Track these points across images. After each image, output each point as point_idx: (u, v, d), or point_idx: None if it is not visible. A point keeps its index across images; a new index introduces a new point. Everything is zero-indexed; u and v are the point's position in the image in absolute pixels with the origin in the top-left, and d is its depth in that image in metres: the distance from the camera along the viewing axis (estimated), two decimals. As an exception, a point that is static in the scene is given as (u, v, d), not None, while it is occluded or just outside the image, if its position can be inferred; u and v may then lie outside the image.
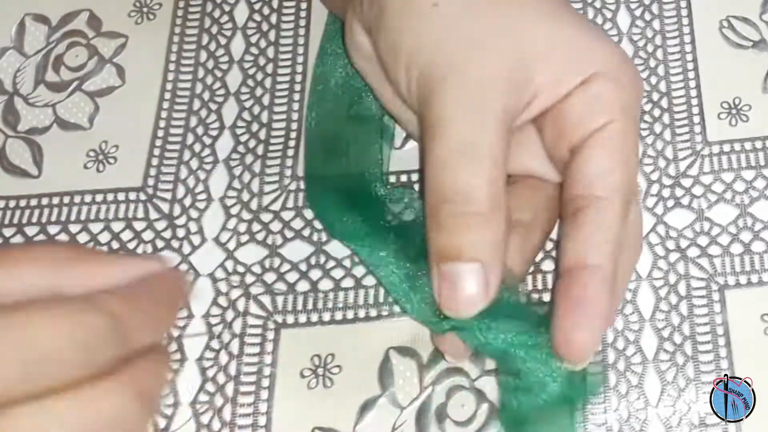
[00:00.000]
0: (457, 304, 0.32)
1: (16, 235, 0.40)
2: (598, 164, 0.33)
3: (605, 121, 0.33)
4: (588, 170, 0.33)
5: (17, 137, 0.42)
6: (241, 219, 0.39)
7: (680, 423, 0.34)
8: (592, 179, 0.33)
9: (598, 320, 0.32)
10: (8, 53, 0.44)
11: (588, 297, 0.32)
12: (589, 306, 0.32)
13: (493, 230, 0.32)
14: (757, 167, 0.39)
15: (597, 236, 0.32)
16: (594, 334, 0.32)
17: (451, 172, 0.32)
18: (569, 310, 0.32)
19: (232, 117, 0.42)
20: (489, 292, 0.32)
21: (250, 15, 0.44)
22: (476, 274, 0.32)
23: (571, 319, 0.31)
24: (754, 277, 0.37)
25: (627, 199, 0.33)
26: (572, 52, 0.34)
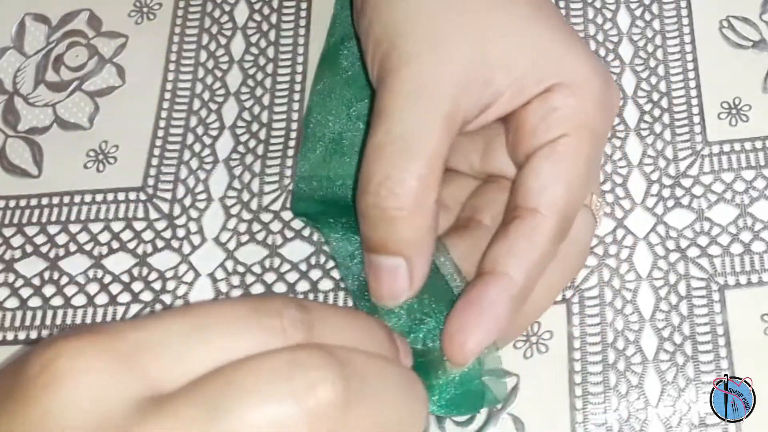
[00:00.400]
0: (381, 295, 0.32)
1: (16, 235, 0.40)
2: (540, 178, 0.33)
3: (558, 135, 0.33)
4: (529, 183, 0.33)
5: (17, 137, 0.42)
6: (241, 219, 0.39)
7: (680, 423, 0.34)
8: (531, 192, 0.33)
9: (487, 326, 0.31)
10: (8, 53, 0.44)
11: (484, 302, 0.32)
12: (483, 310, 0.31)
13: (416, 228, 0.32)
14: (757, 167, 0.39)
15: (518, 249, 0.32)
16: (479, 338, 0.31)
17: (381, 164, 0.32)
18: (462, 309, 0.32)
19: (232, 117, 0.42)
20: (413, 286, 0.32)
21: (250, 15, 0.44)
22: (399, 269, 0.32)
23: (461, 319, 0.31)
24: (754, 277, 0.37)
25: (564, 217, 0.33)
26: (538, 59, 0.33)
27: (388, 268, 0.32)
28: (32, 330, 0.38)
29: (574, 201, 0.33)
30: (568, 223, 0.33)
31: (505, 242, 0.33)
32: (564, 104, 0.33)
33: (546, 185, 0.33)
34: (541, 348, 0.36)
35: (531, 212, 0.33)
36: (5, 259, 0.39)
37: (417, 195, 0.32)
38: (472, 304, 0.32)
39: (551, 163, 0.33)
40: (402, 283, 0.32)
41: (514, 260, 0.32)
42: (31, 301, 0.38)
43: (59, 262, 0.39)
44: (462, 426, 0.35)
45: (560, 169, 0.33)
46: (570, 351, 0.36)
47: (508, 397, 0.34)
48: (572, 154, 0.33)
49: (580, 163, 0.33)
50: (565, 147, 0.33)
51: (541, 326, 0.36)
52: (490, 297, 0.32)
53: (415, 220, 0.32)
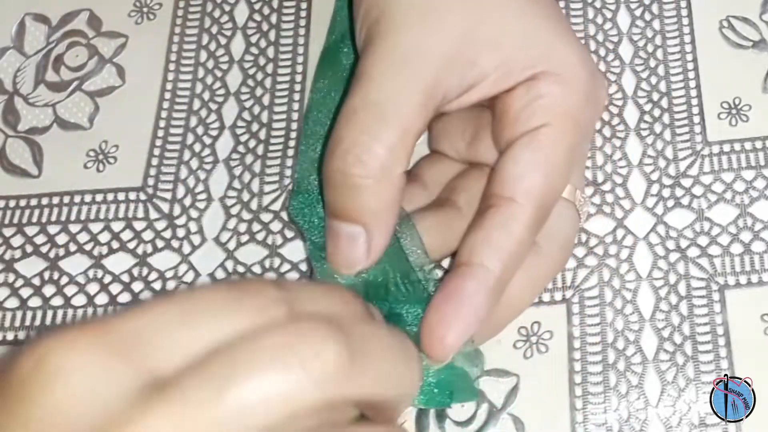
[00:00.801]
0: (337, 262, 0.32)
1: (16, 235, 0.40)
2: (518, 166, 0.32)
3: (541, 123, 0.33)
4: (507, 170, 0.33)
5: (17, 137, 0.42)
6: (241, 219, 0.39)
7: (680, 423, 0.34)
8: (508, 180, 0.32)
9: (466, 319, 0.31)
10: (8, 53, 0.44)
11: (462, 294, 0.31)
12: (461, 304, 0.31)
13: (380, 198, 0.31)
14: (757, 167, 0.39)
15: (494, 239, 0.32)
16: (458, 332, 0.31)
17: (351, 129, 0.31)
18: (439, 303, 0.31)
19: (232, 117, 0.42)
20: (370, 256, 0.32)
21: (250, 15, 0.44)
22: (358, 237, 0.32)
23: (439, 313, 0.31)
24: (754, 277, 0.37)
25: (541, 206, 0.32)
26: (526, 44, 0.33)
27: (347, 235, 0.32)
28: (32, 330, 0.38)
29: (551, 190, 0.33)
30: (545, 213, 0.33)
31: (481, 232, 0.32)
32: (549, 92, 0.33)
33: (523, 173, 0.32)
34: (541, 348, 0.36)
35: (507, 201, 0.32)
36: (5, 259, 0.39)
37: (384, 165, 0.31)
38: (449, 298, 0.31)
39: (530, 151, 0.32)
40: (359, 251, 0.32)
41: (490, 250, 0.32)
42: (31, 301, 0.38)
43: (59, 262, 0.39)
44: (462, 426, 0.35)
45: (539, 158, 0.32)
46: (570, 351, 0.36)
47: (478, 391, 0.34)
48: (553, 144, 0.33)
49: (561, 153, 0.33)
50: (546, 136, 0.33)
51: (541, 326, 0.36)
52: (467, 289, 0.31)
53: (379, 190, 0.31)
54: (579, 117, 0.34)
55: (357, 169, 0.31)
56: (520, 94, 0.33)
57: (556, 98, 0.33)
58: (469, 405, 0.35)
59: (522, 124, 0.33)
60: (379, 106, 0.31)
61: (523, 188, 0.32)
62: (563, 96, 0.33)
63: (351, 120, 0.32)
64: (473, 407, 0.35)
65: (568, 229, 0.35)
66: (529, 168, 0.32)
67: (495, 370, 0.36)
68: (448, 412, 0.35)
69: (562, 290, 0.37)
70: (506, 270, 0.32)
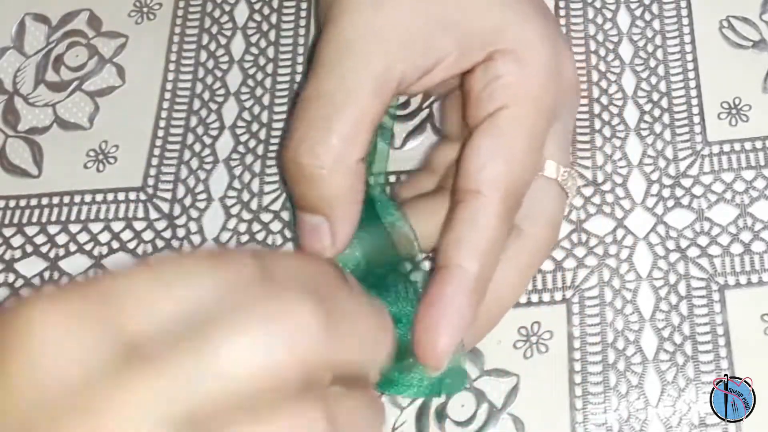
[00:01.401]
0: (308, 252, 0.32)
1: (16, 235, 0.40)
2: (480, 156, 0.32)
3: (499, 106, 0.32)
4: (469, 161, 0.32)
5: (17, 137, 0.42)
6: (241, 219, 0.39)
7: (680, 423, 0.34)
8: (471, 172, 0.32)
9: (452, 324, 0.31)
10: (8, 53, 0.44)
11: (444, 299, 0.31)
12: (445, 309, 0.31)
13: (335, 187, 0.31)
14: (757, 167, 0.39)
15: (465, 237, 0.31)
16: (447, 337, 0.31)
17: (304, 120, 0.31)
18: (425, 311, 0.31)
19: (232, 117, 0.42)
20: (336, 245, 0.32)
21: (251, 15, 0.44)
22: (320, 226, 0.32)
23: (426, 321, 0.31)
24: (754, 277, 0.37)
25: (508, 195, 0.32)
26: (484, 22, 0.33)
27: (310, 225, 0.32)
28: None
29: (517, 177, 0.32)
30: (515, 201, 0.32)
31: (453, 231, 0.32)
32: (506, 71, 0.32)
33: (485, 163, 0.32)
34: (541, 348, 0.36)
35: (473, 194, 0.32)
36: (5, 259, 0.39)
37: (338, 154, 0.31)
38: (432, 305, 0.31)
39: (490, 137, 0.32)
40: (323, 241, 0.32)
41: (464, 249, 0.31)
42: (31, 301, 0.38)
43: (59, 262, 0.39)
44: (462, 426, 0.35)
45: (500, 144, 0.32)
46: (570, 351, 0.36)
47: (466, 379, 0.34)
48: (512, 128, 0.32)
49: (522, 137, 0.32)
50: (506, 120, 0.32)
51: (541, 326, 0.36)
52: (447, 294, 0.31)
53: (334, 180, 0.31)
54: (540, 96, 0.33)
55: (310, 160, 0.31)
56: (479, 75, 0.33)
57: (513, 78, 0.32)
58: (469, 405, 0.35)
59: (482, 108, 0.32)
60: (329, 95, 0.31)
61: (486, 179, 0.31)
62: (521, 75, 0.32)
63: (304, 111, 0.31)
64: (473, 407, 0.35)
65: (551, 207, 0.35)
66: (490, 157, 0.32)
67: (495, 370, 0.36)
68: (448, 412, 0.35)
69: (562, 290, 0.37)
70: (484, 266, 0.31)
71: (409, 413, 0.35)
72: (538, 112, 0.33)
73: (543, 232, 0.35)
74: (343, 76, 0.31)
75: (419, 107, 0.41)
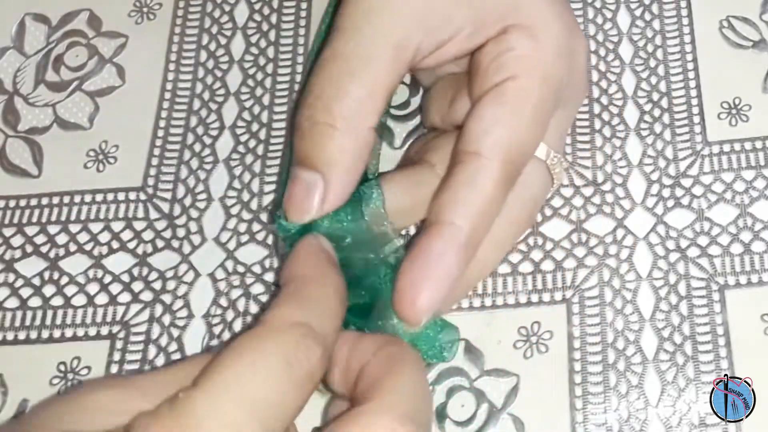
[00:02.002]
0: (290, 208, 0.32)
1: (16, 235, 0.40)
2: (484, 121, 0.32)
3: (507, 77, 0.32)
4: (473, 125, 0.32)
5: (17, 137, 0.42)
6: (241, 219, 0.39)
7: (680, 423, 0.34)
8: (474, 135, 0.32)
9: (437, 280, 0.30)
10: (8, 53, 0.44)
11: (432, 254, 0.31)
12: (431, 264, 0.31)
13: (343, 148, 0.31)
14: (757, 167, 0.39)
15: (461, 195, 0.31)
16: (430, 294, 0.30)
17: (322, 79, 0.32)
18: (409, 265, 0.31)
19: (232, 117, 0.42)
20: (324, 206, 0.32)
21: (251, 15, 0.44)
22: (315, 186, 0.31)
23: (409, 275, 0.31)
24: (754, 277, 0.37)
25: (509, 161, 0.32)
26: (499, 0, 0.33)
27: (304, 181, 0.32)
28: (32, 330, 0.38)
29: (520, 145, 0.32)
30: (515, 169, 0.32)
31: (448, 190, 0.32)
32: (518, 45, 0.33)
33: (488, 128, 0.32)
34: (541, 348, 0.36)
35: (473, 156, 0.32)
36: (5, 259, 0.39)
37: (351, 116, 0.31)
38: (418, 259, 0.31)
39: (496, 105, 0.32)
40: (312, 200, 0.32)
41: (458, 208, 0.31)
42: (31, 301, 0.38)
43: (59, 262, 0.39)
44: (462, 426, 0.35)
45: (505, 111, 0.32)
46: (570, 351, 0.36)
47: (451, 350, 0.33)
48: (519, 97, 0.32)
49: (528, 107, 0.32)
50: (512, 90, 0.32)
51: (541, 326, 0.36)
52: (436, 249, 0.31)
53: (343, 140, 0.31)
54: (549, 71, 0.33)
55: (324, 117, 0.31)
56: (490, 49, 0.33)
57: (524, 51, 0.33)
58: (469, 405, 0.35)
59: (490, 78, 0.32)
60: (348, 58, 0.31)
61: (488, 143, 0.32)
62: (532, 49, 0.33)
63: (322, 71, 0.32)
64: (473, 407, 0.35)
65: (535, 187, 0.35)
66: (494, 122, 0.32)
67: (495, 370, 0.36)
68: (448, 412, 0.35)
69: (562, 290, 0.37)
70: (476, 227, 0.31)
71: (409, 413, 0.35)
72: (546, 86, 0.33)
73: (520, 209, 0.35)
74: (362, 42, 0.31)
75: (419, 107, 0.41)
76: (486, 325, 0.36)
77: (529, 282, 0.37)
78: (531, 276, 0.37)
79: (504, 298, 0.37)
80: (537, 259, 0.37)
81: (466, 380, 0.36)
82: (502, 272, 0.37)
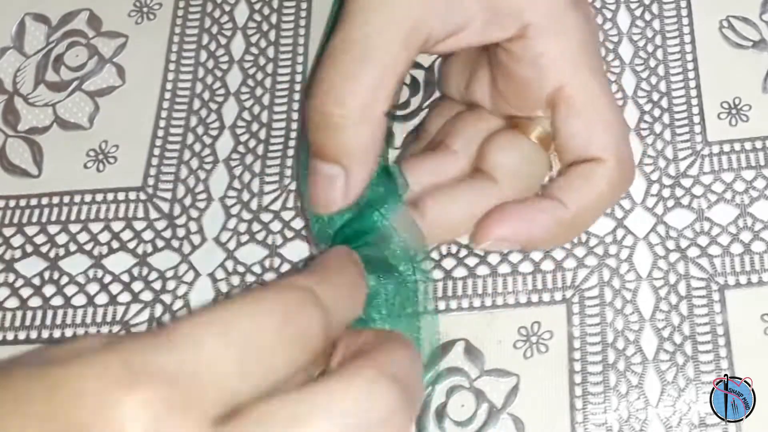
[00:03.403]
0: (316, 202, 0.32)
1: (16, 235, 0.40)
2: (579, 136, 0.34)
3: (558, 85, 0.33)
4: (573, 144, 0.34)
5: (17, 137, 0.42)
6: (241, 219, 0.39)
7: (680, 423, 0.34)
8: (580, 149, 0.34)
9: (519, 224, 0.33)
10: (8, 53, 0.44)
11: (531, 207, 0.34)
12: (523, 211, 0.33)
13: (359, 137, 0.31)
14: (757, 167, 0.39)
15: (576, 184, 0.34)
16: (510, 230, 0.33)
17: (332, 69, 0.31)
18: (508, 203, 0.34)
19: (232, 117, 0.42)
20: (348, 196, 0.32)
21: (251, 15, 0.44)
22: (336, 177, 0.32)
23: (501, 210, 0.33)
24: (754, 277, 0.37)
25: (619, 157, 0.34)
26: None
27: (326, 174, 0.32)
28: (32, 330, 0.38)
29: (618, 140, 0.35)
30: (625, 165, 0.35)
31: (565, 179, 0.34)
32: (546, 49, 0.33)
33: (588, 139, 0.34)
34: (541, 348, 0.36)
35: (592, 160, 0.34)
36: (5, 259, 0.39)
37: (364, 105, 0.31)
38: (520, 204, 0.33)
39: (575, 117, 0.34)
40: (337, 192, 0.32)
41: (572, 195, 0.34)
42: (31, 301, 0.38)
43: (59, 262, 0.39)
44: (462, 426, 0.35)
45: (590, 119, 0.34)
46: (570, 351, 0.36)
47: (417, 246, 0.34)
48: (582, 98, 0.34)
49: (599, 102, 0.34)
50: (571, 96, 0.34)
51: (541, 326, 0.36)
52: (539, 206, 0.33)
53: (358, 130, 0.31)
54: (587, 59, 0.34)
55: (337, 109, 0.31)
56: (518, 55, 0.34)
57: (555, 51, 0.33)
58: (469, 405, 0.35)
59: (540, 90, 0.34)
60: (359, 45, 0.31)
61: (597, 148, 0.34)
62: (562, 45, 0.34)
63: (332, 60, 0.32)
64: (473, 407, 0.35)
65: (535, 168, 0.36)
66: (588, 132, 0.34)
67: (495, 370, 0.36)
68: (448, 412, 0.35)
69: (562, 290, 0.37)
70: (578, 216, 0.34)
71: (409, 413, 0.35)
72: (592, 74, 0.34)
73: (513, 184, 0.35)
74: (372, 27, 0.31)
75: (419, 107, 0.41)
76: (486, 325, 0.36)
77: (529, 282, 0.37)
78: (531, 276, 0.37)
79: (504, 298, 0.37)
80: (537, 259, 0.37)
81: (466, 380, 0.36)
82: (502, 272, 0.37)
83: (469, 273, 0.37)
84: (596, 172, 0.34)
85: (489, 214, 0.33)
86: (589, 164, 0.34)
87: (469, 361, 0.36)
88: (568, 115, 0.34)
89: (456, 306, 0.37)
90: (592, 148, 0.34)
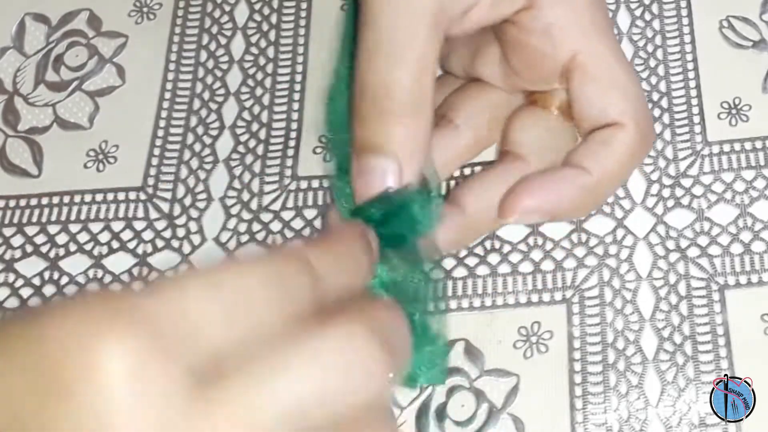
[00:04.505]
0: (368, 195, 0.32)
1: (16, 235, 0.40)
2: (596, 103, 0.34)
3: (571, 54, 0.33)
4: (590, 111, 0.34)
5: (17, 137, 0.42)
6: (241, 219, 0.39)
7: (680, 423, 0.34)
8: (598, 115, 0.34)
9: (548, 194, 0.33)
10: (8, 53, 0.44)
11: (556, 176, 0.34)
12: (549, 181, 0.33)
13: (413, 128, 0.32)
14: (757, 167, 0.39)
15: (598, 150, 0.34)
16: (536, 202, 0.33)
17: (376, 65, 0.32)
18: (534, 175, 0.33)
19: (232, 117, 0.42)
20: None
21: (251, 15, 0.44)
22: (391, 170, 0.32)
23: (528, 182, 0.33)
24: (754, 277, 0.37)
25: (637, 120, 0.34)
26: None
27: (377, 168, 0.32)
28: (32, 330, 0.38)
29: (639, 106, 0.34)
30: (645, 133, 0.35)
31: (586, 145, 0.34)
32: (556, 17, 0.34)
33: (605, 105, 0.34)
34: (541, 348, 0.36)
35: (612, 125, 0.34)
36: (5, 259, 0.39)
37: (414, 95, 0.32)
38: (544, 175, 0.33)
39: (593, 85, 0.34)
40: (388, 182, 0.32)
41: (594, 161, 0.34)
42: (31, 301, 0.38)
43: (59, 262, 0.39)
44: (462, 426, 0.35)
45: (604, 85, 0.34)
46: (570, 351, 0.36)
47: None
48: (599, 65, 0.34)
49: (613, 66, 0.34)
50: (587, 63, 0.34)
51: (541, 326, 0.36)
52: (563, 176, 0.33)
53: (413, 121, 0.32)
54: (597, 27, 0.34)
55: (389, 103, 0.31)
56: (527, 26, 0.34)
57: (566, 20, 0.34)
58: (469, 405, 0.35)
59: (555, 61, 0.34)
60: (392, 43, 0.32)
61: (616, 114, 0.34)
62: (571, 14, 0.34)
63: (371, 59, 0.32)
64: (473, 407, 0.35)
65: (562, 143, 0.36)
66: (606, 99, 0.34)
67: (495, 370, 0.36)
68: (448, 412, 0.35)
69: (562, 290, 0.37)
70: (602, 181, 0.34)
71: (409, 413, 0.35)
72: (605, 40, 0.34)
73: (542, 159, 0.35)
74: (401, 24, 0.32)
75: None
76: (486, 325, 0.36)
77: (529, 282, 0.37)
78: (531, 276, 0.37)
79: (504, 298, 0.37)
80: (537, 259, 0.37)
81: (466, 380, 0.36)
82: (502, 272, 0.37)
83: (469, 273, 0.37)
84: (616, 137, 0.34)
85: (513, 188, 0.33)
86: (608, 129, 0.34)
87: (469, 361, 0.36)
88: (583, 83, 0.34)
89: (456, 306, 0.37)
90: (610, 113, 0.34)
